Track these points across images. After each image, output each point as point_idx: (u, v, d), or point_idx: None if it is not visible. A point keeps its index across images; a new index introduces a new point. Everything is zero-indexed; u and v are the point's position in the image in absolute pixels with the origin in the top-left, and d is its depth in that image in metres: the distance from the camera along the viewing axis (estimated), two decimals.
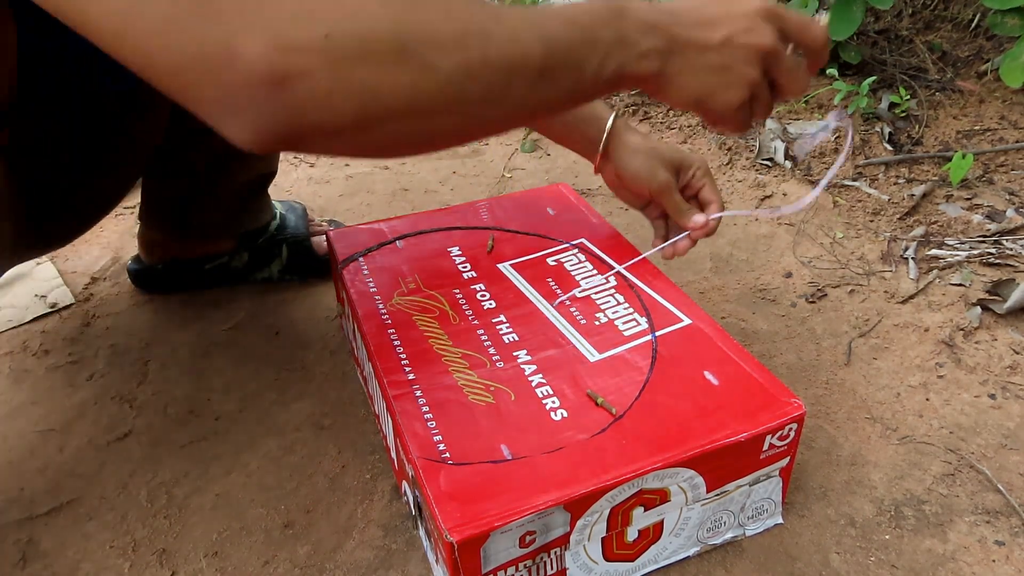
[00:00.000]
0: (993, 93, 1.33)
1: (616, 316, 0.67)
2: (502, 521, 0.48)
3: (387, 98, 0.40)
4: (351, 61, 0.38)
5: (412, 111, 0.41)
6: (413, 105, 0.41)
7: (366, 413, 0.76)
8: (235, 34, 0.36)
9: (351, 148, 0.42)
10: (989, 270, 0.94)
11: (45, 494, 0.69)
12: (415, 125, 0.42)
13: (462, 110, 0.43)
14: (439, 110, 0.42)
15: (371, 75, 0.39)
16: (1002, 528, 0.63)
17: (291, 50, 0.37)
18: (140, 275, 0.96)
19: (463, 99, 0.42)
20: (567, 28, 0.46)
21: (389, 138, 0.42)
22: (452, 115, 0.43)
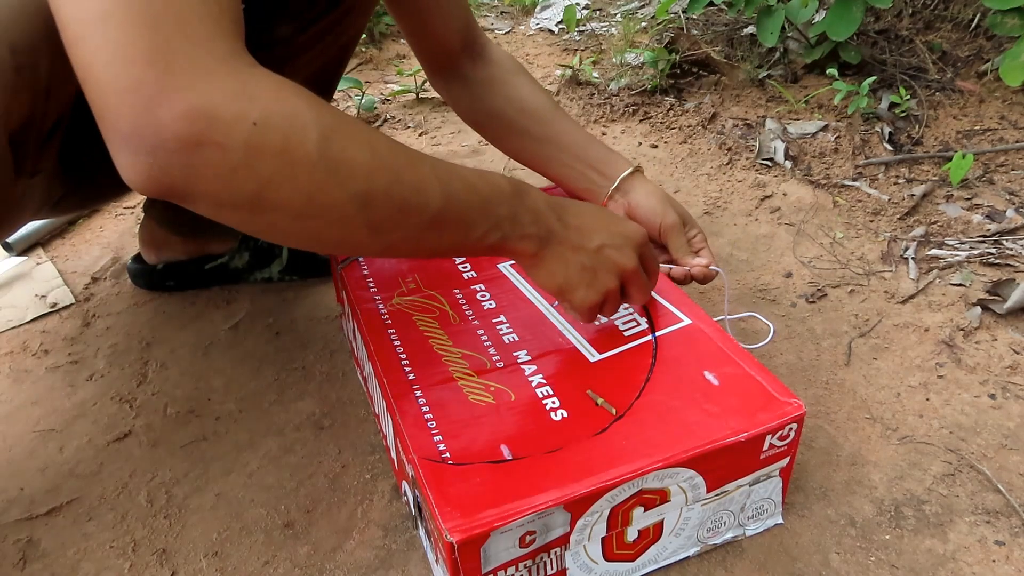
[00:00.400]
0: (993, 93, 1.33)
1: (616, 317, 0.67)
2: (502, 521, 0.48)
3: (286, 195, 0.41)
4: (267, 152, 0.39)
5: (304, 214, 0.43)
6: (307, 210, 0.43)
7: (366, 413, 0.76)
8: (173, 86, 0.37)
9: (234, 221, 0.43)
10: (989, 270, 0.94)
11: (45, 494, 0.69)
12: (300, 225, 0.44)
13: (350, 229, 0.45)
14: (329, 221, 0.44)
15: (279, 171, 0.40)
16: (1002, 528, 0.63)
17: (217, 120, 0.38)
18: (140, 275, 0.96)
19: (354, 221, 0.45)
20: (468, 193, 0.50)
21: (272, 227, 0.44)
22: (338, 229, 0.45)
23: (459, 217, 0.50)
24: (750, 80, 1.48)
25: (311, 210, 0.43)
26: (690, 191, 1.16)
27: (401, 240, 0.48)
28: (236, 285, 0.96)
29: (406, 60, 1.79)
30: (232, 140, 0.38)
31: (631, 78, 1.54)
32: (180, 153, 0.38)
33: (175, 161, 0.38)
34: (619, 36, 1.75)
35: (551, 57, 1.74)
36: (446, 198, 0.48)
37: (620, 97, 1.48)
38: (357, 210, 0.44)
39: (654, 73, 1.51)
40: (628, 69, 1.58)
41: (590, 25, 1.91)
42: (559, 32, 1.90)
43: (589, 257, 0.59)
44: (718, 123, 1.36)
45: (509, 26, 1.98)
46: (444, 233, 0.50)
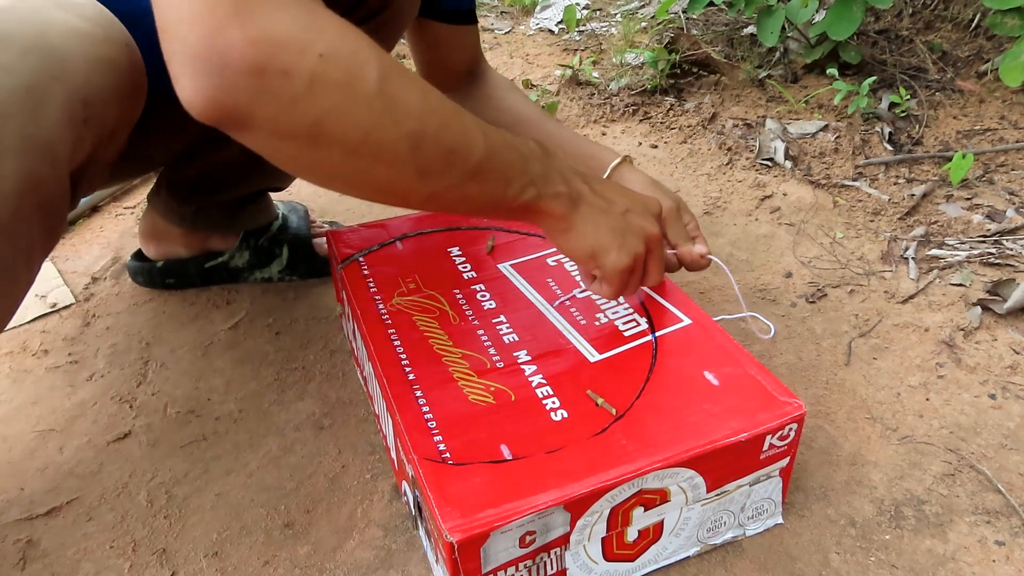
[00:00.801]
0: (993, 93, 1.33)
1: (616, 317, 0.67)
2: (502, 521, 0.48)
3: (343, 129, 0.43)
4: (329, 84, 0.41)
5: (358, 151, 0.44)
6: (361, 147, 0.44)
7: (366, 413, 0.76)
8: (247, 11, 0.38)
9: (288, 155, 0.44)
10: (989, 270, 0.94)
11: (45, 494, 0.69)
12: (353, 164, 0.45)
13: (400, 171, 0.46)
14: (381, 161, 0.45)
15: (339, 104, 0.41)
16: (1002, 528, 0.63)
17: (286, 48, 0.39)
18: (140, 273, 0.96)
19: (405, 162, 0.46)
20: (506, 147, 0.52)
21: (325, 164, 0.45)
22: (388, 171, 0.46)
23: (499, 169, 0.51)
24: (750, 80, 1.48)
25: (365, 148, 0.44)
26: (690, 191, 1.16)
27: (445, 189, 0.49)
28: (236, 285, 0.96)
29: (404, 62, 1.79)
30: (298, 68, 0.39)
31: (631, 78, 1.54)
32: (246, 76, 0.38)
33: (241, 84, 0.39)
34: (619, 36, 1.75)
35: (551, 57, 1.74)
36: (488, 149, 0.50)
37: (620, 97, 1.48)
38: (409, 151, 0.45)
39: (654, 73, 1.51)
40: (628, 69, 1.58)
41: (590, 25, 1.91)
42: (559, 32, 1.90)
43: (617, 220, 0.59)
44: (718, 123, 1.36)
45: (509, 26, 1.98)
46: (485, 185, 0.51)
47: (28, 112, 0.44)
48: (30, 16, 0.44)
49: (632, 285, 0.63)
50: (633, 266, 0.61)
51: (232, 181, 0.86)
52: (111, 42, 0.48)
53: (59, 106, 0.45)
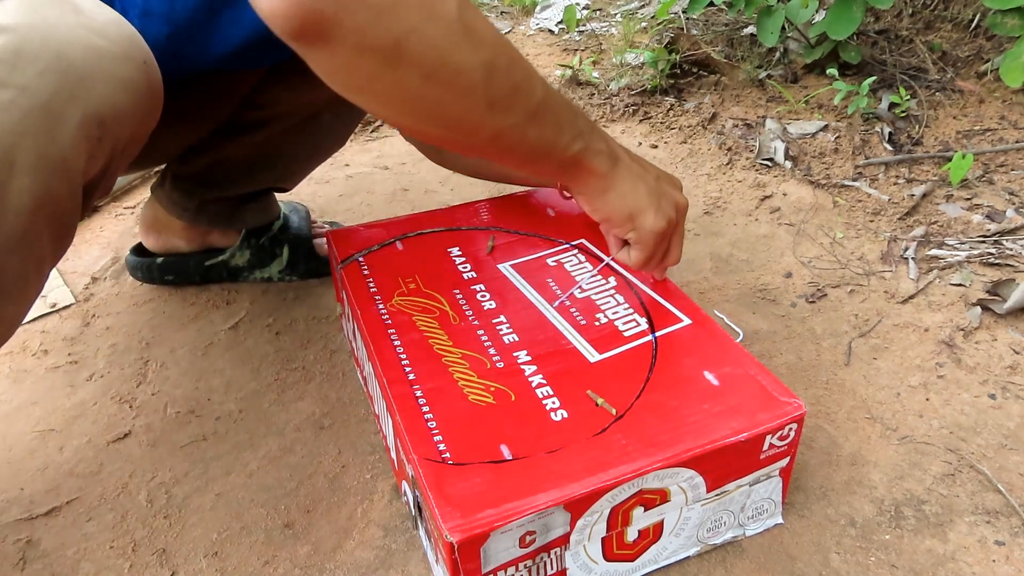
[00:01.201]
0: (993, 93, 1.33)
1: (616, 317, 0.67)
2: (502, 521, 0.48)
3: (422, 49, 0.44)
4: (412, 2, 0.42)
5: (433, 75, 0.45)
6: (438, 71, 0.45)
7: (366, 413, 0.76)
8: None
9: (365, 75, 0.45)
10: (989, 270, 0.94)
11: (45, 494, 0.69)
12: (428, 89, 0.46)
13: (472, 101, 0.48)
14: (455, 88, 0.47)
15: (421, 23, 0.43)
16: (1002, 528, 0.63)
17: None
18: (140, 268, 0.96)
19: (478, 92, 0.48)
20: (558, 96, 0.54)
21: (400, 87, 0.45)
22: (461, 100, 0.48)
23: (554, 114, 0.54)
24: (750, 80, 1.48)
25: (442, 72, 0.45)
26: (690, 191, 1.16)
27: (509, 128, 0.51)
28: (236, 285, 0.96)
29: None
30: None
31: (631, 78, 1.54)
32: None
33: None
34: (619, 36, 1.75)
35: (551, 57, 1.74)
36: (545, 93, 0.52)
37: (620, 97, 1.48)
38: (483, 80, 0.47)
39: (654, 73, 1.51)
40: (628, 69, 1.58)
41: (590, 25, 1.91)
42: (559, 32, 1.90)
43: (652, 184, 0.62)
44: (718, 123, 1.36)
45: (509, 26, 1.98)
46: (543, 128, 0.53)
47: (45, 131, 0.44)
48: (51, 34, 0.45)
49: (657, 257, 0.64)
50: (667, 231, 0.62)
51: (238, 177, 0.86)
52: (129, 60, 0.49)
53: (75, 125, 0.46)
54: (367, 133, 1.40)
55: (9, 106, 0.42)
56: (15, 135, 0.43)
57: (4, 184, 0.43)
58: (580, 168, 0.58)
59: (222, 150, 0.82)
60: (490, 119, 0.50)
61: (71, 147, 0.46)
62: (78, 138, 0.46)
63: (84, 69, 0.46)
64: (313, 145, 0.85)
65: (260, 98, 0.78)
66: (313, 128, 0.81)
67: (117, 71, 0.48)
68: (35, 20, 0.44)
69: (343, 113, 0.82)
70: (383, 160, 1.29)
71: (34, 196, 0.45)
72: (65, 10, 0.46)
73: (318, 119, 0.80)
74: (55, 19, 0.45)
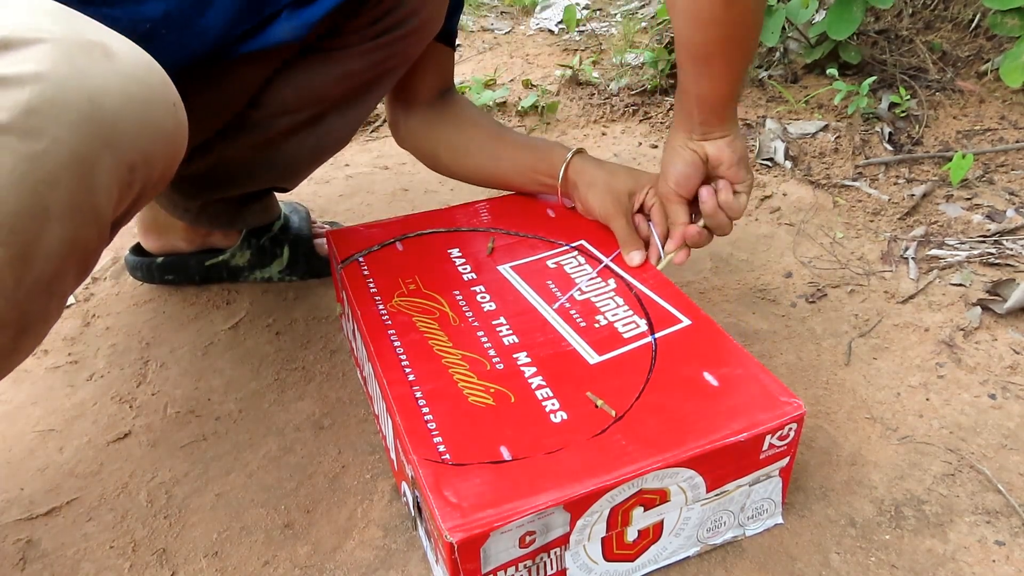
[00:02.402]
0: (993, 93, 1.33)
1: (616, 318, 0.67)
2: (502, 521, 0.48)
3: None
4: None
5: None
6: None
7: (366, 413, 0.77)
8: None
9: None
10: (989, 270, 0.94)
11: (45, 494, 0.69)
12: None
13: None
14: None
15: None
16: (1002, 528, 0.63)
17: None
18: (139, 267, 0.96)
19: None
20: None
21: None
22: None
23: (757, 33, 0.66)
24: (750, 80, 1.48)
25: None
26: None
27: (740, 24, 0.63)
28: (236, 285, 0.96)
29: None
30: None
31: (631, 78, 1.54)
32: None
33: None
34: (619, 36, 1.75)
35: (551, 57, 1.74)
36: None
37: (620, 97, 1.48)
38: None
39: (654, 73, 1.51)
40: (628, 69, 1.58)
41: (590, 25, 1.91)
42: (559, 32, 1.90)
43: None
44: None
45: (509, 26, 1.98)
46: (752, 38, 0.65)
47: (78, 179, 0.45)
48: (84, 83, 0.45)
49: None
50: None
51: (240, 178, 0.86)
52: (159, 104, 0.49)
53: (108, 172, 0.46)
54: (367, 133, 1.40)
55: (43, 157, 0.43)
56: (48, 185, 0.43)
57: (37, 233, 0.44)
58: (736, 107, 0.69)
59: (225, 150, 0.82)
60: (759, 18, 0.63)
61: (103, 194, 0.47)
62: (110, 184, 0.47)
63: (117, 117, 0.46)
64: (317, 145, 0.85)
65: (264, 97, 0.78)
66: (317, 128, 0.81)
67: (149, 116, 0.49)
68: (69, 68, 0.44)
69: (348, 113, 0.82)
70: (383, 160, 1.29)
71: (64, 242, 0.46)
72: (98, 56, 0.46)
73: (323, 119, 0.80)
74: (88, 66, 0.45)
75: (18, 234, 0.43)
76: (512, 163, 0.85)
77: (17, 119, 0.41)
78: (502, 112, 1.47)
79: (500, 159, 0.86)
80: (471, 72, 1.66)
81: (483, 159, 0.87)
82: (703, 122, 0.70)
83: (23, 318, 0.47)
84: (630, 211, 0.78)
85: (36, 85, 0.43)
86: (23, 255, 0.44)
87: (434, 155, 0.90)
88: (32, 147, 0.42)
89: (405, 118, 0.90)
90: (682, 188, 0.74)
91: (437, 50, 0.85)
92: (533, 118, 1.44)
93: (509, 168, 0.85)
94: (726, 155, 0.71)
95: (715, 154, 0.71)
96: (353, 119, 0.85)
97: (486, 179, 0.89)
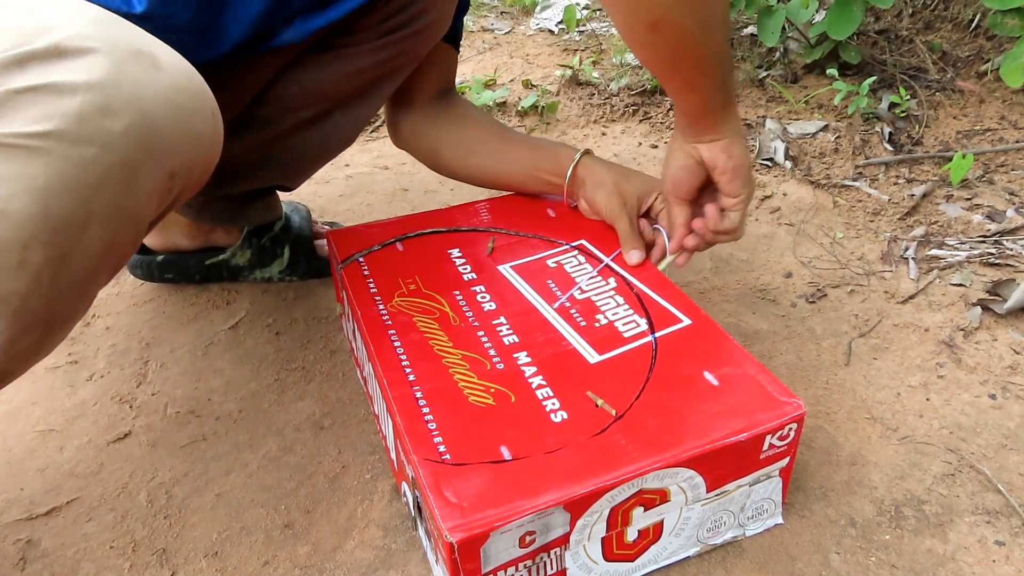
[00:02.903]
0: (993, 93, 1.33)
1: (616, 317, 0.67)
2: (502, 521, 0.48)
3: None
4: None
5: None
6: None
7: (366, 413, 0.77)
8: None
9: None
10: (989, 270, 0.94)
11: (45, 494, 0.69)
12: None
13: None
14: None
15: None
16: (1002, 528, 0.63)
17: None
18: (139, 265, 0.96)
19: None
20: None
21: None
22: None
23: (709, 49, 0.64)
24: (750, 80, 1.48)
25: None
26: None
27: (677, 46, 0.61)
28: (236, 285, 0.96)
29: None
30: None
31: (631, 78, 1.54)
32: None
33: None
34: (619, 36, 1.75)
35: (551, 57, 1.74)
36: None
37: (620, 97, 1.48)
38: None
39: None
40: (628, 69, 1.58)
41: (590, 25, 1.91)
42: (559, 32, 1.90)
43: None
44: None
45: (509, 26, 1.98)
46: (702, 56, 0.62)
47: (123, 185, 0.46)
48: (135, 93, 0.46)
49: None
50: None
51: (245, 175, 0.86)
52: (201, 114, 0.51)
53: (150, 179, 0.47)
54: (367, 133, 1.40)
55: (92, 162, 0.44)
56: (94, 189, 0.44)
57: (79, 236, 0.45)
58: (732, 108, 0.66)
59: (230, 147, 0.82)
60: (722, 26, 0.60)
61: (144, 199, 0.48)
62: (151, 191, 0.48)
63: (164, 126, 0.47)
64: (322, 143, 0.85)
65: (270, 94, 0.78)
66: (323, 126, 0.81)
67: (191, 126, 0.50)
68: (120, 78, 0.45)
69: (353, 111, 0.82)
70: (383, 160, 1.29)
71: (104, 244, 0.47)
72: (146, 66, 0.47)
73: (328, 117, 0.80)
74: (138, 76, 0.46)
75: (61, 236, 0.44)
76: (517, 161, 0.85)
77: (70, 126, 0.43)
78: (502, 112, 1.47)
79: (504, 157, 0.86)
80: (471, 72, 1.66)
81: (487, 158, 0.87)
82: (689, 125, 0.70)
83: (53, 318, 0.48)
84: (636, 213, 0.78)
85: (88, 94, 0.44)
86: (63, 256, 0.45)
87: (436, 154, 0.90)
88: (82, 153, 0.43)
89: (405, 117, 0.90)
90: (678, 190, 0.74)
91: (442, 50, 0.85)
92: (533, 118, 1.44)
93: (513, 166, 0.85)
94: (720, 160, 0.70)
95: (709, 157, 0.70)
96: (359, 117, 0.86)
97: (489, 178, 0.89)
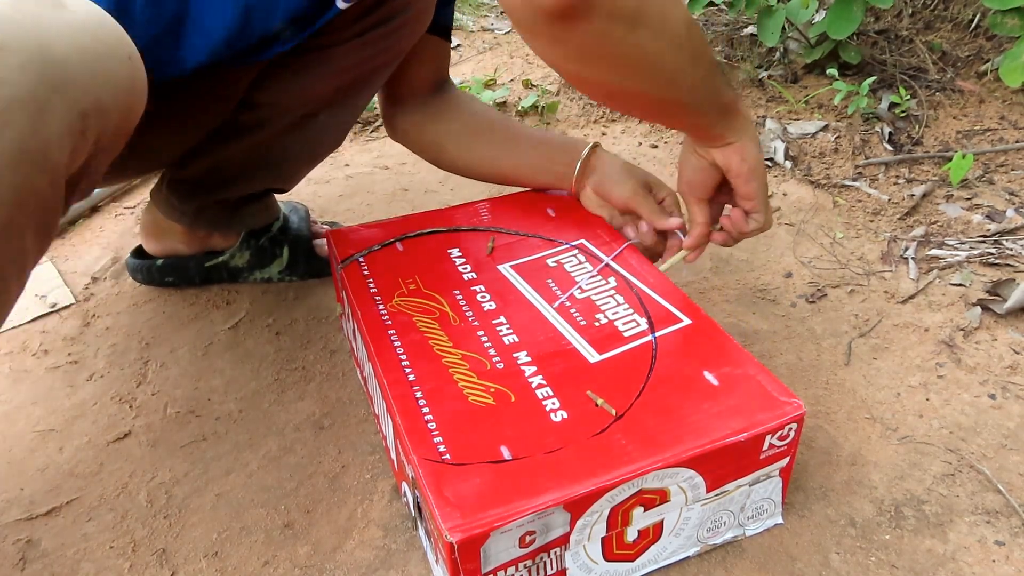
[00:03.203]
0: (993, 93, 1.33)
1: (616, 317, 0.67)
2: (502, 521, 0.48)
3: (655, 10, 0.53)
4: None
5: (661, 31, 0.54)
6: (663, 27, 0.54)
7: (366, 413, 0.76)
8: None
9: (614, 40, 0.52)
10: (989, 270, 0.94)
11: (45, 494, 0.69)
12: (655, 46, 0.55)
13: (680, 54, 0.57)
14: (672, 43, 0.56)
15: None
16: (1002, 528, 0.63)
17: None
18: (140, 270, 0.96)
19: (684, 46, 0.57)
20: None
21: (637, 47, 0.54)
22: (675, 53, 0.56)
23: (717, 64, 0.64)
24: (750, 80, 1.48)
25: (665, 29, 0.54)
26: None
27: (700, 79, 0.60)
28: (236, 285, 0.96)
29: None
30: None
31: None
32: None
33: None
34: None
35: None
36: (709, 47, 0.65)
37: None
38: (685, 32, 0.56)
39: None
40: None
41: None
42: None
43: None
44: None
45: (509, 26, 1.98)
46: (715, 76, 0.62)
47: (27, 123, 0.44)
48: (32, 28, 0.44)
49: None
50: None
51: (236, 179, 0.86)
52: (112, 55, 0.49)
53: (58, 118, 0.45)
54: (367, 133, 1.40)
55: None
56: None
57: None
58: (736, 111, 0.65)
59: (219, 153, 0.82)
60: (691, 69, 0.58)
61: (54, 140, 0.45)
62: (61, 131, 0.46)
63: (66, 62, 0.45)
64: (310, 145, 0.85)
65: (255, 99, 0.78)
66: (310, 128, 0.81)
67: (101, 65, 0.48)
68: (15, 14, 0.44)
69: (339, 113, 0.82)
70: (383, 160, 1.29)
71: (15, 190, 0.44)
72: (46, 4, 0.46)
73: (314, 119, 0.80)
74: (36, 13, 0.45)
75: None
76: (524, 153, 0.85)
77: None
78: (502, 112, 1.47)
79: (512, 147, 0.86)
80: (471, 72, 1.66)
81: (493, 150, 0.87)
82: (695, 140, 0.70)
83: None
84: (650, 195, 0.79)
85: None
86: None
87: (438, 148, 0.90)
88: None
89: (402, 112, 0.90)
90: (695, 191, 0.74)
91: (431, 42, 0.85)
92: (533, 118, 1.44)
93: (520, 158, 0.85)
94: (734, 162, 0.69)
95: (723, 161, 0.70)
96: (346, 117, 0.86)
97: (494, 171, 0.89)
